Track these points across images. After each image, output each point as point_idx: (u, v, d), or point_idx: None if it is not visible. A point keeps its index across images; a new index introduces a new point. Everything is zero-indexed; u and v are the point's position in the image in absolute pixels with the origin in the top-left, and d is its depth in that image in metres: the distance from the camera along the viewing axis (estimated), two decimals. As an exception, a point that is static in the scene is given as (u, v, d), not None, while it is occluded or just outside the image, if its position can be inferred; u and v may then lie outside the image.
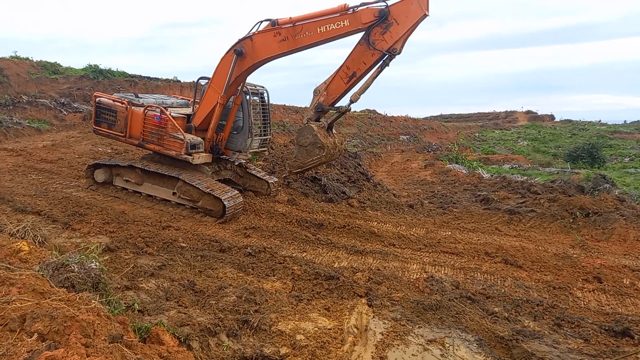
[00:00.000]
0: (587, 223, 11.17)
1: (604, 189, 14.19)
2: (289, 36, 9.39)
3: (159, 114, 10.81)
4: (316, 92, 9.79)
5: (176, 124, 10.61)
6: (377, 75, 9.18)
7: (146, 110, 10.94)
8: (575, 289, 7.83)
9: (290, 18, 9.41)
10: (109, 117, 11.60)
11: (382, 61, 8.97)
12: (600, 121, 65.02)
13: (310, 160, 9.69)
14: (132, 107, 11.21)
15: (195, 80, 11.17)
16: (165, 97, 13.30)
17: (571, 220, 11.35)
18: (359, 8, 8.75)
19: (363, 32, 8.91)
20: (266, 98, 11.84)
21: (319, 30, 9.13)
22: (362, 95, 9.46)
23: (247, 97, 11.07)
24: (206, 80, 11.03)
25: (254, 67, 10.16)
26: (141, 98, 11.79)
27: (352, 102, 9.54)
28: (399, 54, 8.92)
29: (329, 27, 9.05)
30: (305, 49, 9.57)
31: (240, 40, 9.89)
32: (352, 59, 9.19)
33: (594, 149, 27.36)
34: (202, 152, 10.95)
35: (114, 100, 11.69)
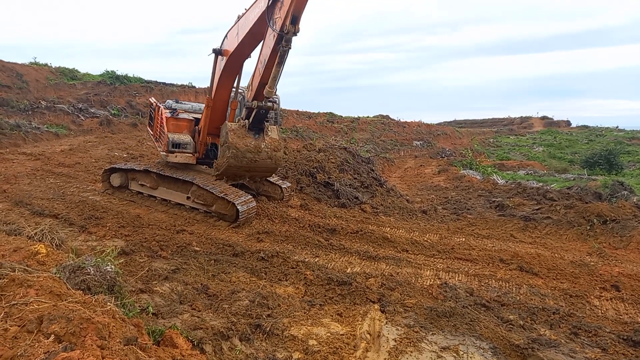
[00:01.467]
0: (604, 230, 10.99)
1: (621, 195, 13.96)
2: (240, 28, 8.97)
3: (161, 114, 11.26)
4: (247, 87, 9.10)
5: (164, 123, 10.92)
6: (280, 62, 8.15)
7: (159, 111, 11.43)
8: (592, 297, 7.69)
9: (245, 9, 8.94)
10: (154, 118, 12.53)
11: (279, 43, 7.96)
12: (617, 127, 63.99)
13: (222, 161, 8.88)
14: (158, 108, 11.87)
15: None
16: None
17: (588, 227, 11.17)
18: None
19: None
20: (277, 105, 11.58)
21: (251, 16, 8.57)
22: (275, 88, 8.47)
23: (244, 102, 10.90)
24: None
25: (230, 65, 9.82)
26: (181, 104, 12.36)
27: (266, 97, 8.70)
28: (294, 33, 7.77)
29: (255, 12, 8.45)
30: (250, 42, 8.92)
31: (222, 40, 9.92)
32: (264, 45, 8.43)
33: (611, 155, 26.91)
34: (187, 152, 11.06)
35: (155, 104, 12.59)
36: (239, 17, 9.30)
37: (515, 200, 14.24)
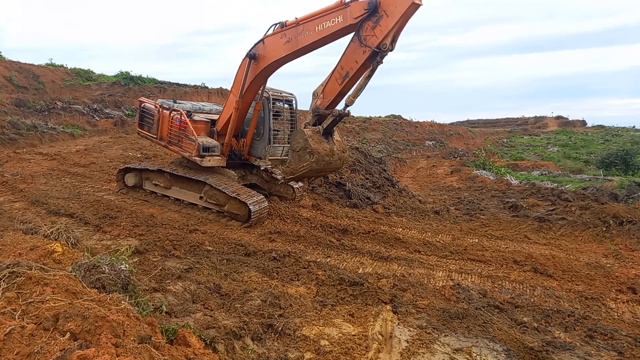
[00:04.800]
0: (621, 232, 10.81)
1: (638, 196, 13.74)
2: (292, 37, 9.17)
3: (179, 117, 11.14)
4: (314, 94, 9.41)
5: (191, 127, 10.85)
6: (370, 75, 8.65)
7: (172, 113, 11.31)
8: (608, 299, 7.57)
9: (296, 18, 9.19)
10: (149, 120, 12.20)
11: (373, 59, 8.37)
12: (634, 127, 63.01)
13: (301, 166, 9.18)
14: (163, 110, 11.59)
15: None
16: (205, 103, 13.55)
17: (604, 228, 10.99)
18: (352, 2, 8.30)
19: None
20: (294, 105, 11.79)
21: (317, 29, 8.81)
22: (357, 98, 8.96)
23: (269, 103, 10.99)
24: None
25: (267, 71, 10.02)
26: (179, 104, 12.17)
27: (347, 105, 9.11)
28: (390, 50, 8.29)
29: (325, 24, 8.70)
30: (308, 50, 9.26)
31: (255, 44, 9.93)
32: (345, 58, 8.75)
33: (627, 156, 26.51)
34: (216, 155, 11.10)
35: (153, 105, 12.24)
36: (285, 25, 9.37)
37: (529, 201, 14.09)
